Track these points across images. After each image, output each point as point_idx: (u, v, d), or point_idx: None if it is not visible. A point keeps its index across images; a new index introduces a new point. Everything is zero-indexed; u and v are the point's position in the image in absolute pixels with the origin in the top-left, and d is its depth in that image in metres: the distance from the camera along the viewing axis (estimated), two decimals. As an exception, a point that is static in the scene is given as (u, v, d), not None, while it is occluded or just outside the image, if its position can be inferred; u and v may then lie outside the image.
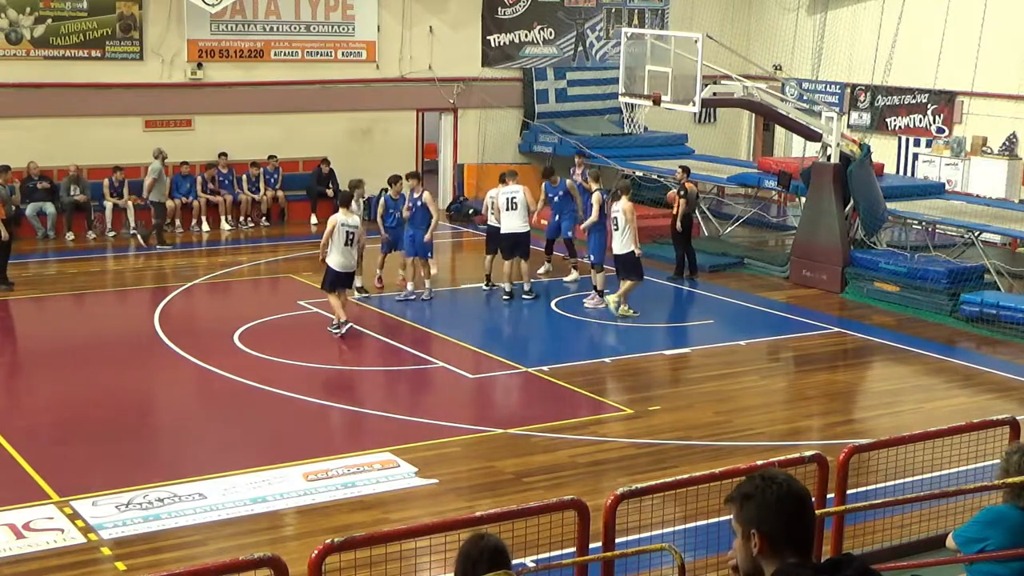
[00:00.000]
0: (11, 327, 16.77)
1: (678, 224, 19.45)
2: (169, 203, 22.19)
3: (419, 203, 17.46)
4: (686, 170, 19.99)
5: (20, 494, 10.47)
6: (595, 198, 17.66)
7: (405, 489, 10.83)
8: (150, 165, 21.32)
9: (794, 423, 13.08)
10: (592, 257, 17.58)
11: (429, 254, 17.68)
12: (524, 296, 18.04)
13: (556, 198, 18.98)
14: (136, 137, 22.84)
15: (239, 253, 21.68)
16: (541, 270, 19.44)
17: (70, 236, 21.86)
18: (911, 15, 23.56)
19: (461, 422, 12.72)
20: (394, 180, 17.95)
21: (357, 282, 17.36)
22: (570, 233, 19.06)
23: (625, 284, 16.95)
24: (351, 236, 15.57)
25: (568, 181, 19.48)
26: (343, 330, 15.59)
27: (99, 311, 17.72)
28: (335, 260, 15.59)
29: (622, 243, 16.81)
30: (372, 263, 18.44)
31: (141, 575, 8.98)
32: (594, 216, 17.57)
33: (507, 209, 17.90)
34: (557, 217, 19.06)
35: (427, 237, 17.35)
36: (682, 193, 19.47)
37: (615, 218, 16.92)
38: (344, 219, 15.68)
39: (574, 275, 19.04)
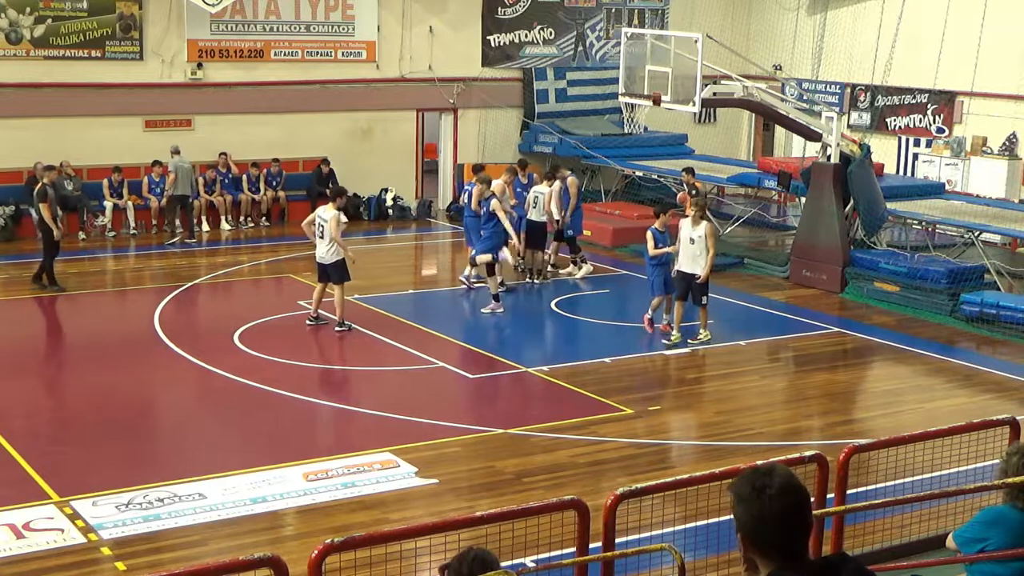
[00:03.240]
0: (12, 327, 16.75)
1: None
2: (196, 202, 22.66)
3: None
4: (690, 171, 19.85)
5: (20, 494, 10.46)
6: (495, 204, 17.25)
7: (405, 489, 10.83)
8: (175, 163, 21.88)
9: (794, 423, 13.08)
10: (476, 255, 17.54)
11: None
12: (536, 281, 18.81)
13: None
14: (136, 137, 22.84)
15: (239, 253, 21.68)
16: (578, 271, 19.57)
17: (82, 236, 21.83)
18: (911, 15, 23.57)
19: (461, 422, 12.72)
20: (664, 211, 16.29)
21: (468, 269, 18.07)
22: (570, 231, 19.17)
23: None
24: (321, 228, 15.89)
25: (570, 178, 19.55)
26: (315, 323, 16.11)
27: (99, 311, 17.72)
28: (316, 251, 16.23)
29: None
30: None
31: (141, 575, 8.98)
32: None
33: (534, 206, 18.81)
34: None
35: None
36: (693, 193, 19.40)
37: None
38: (319, 212, 16.11)
39: (583, 270, 19.26)
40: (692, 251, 15.46)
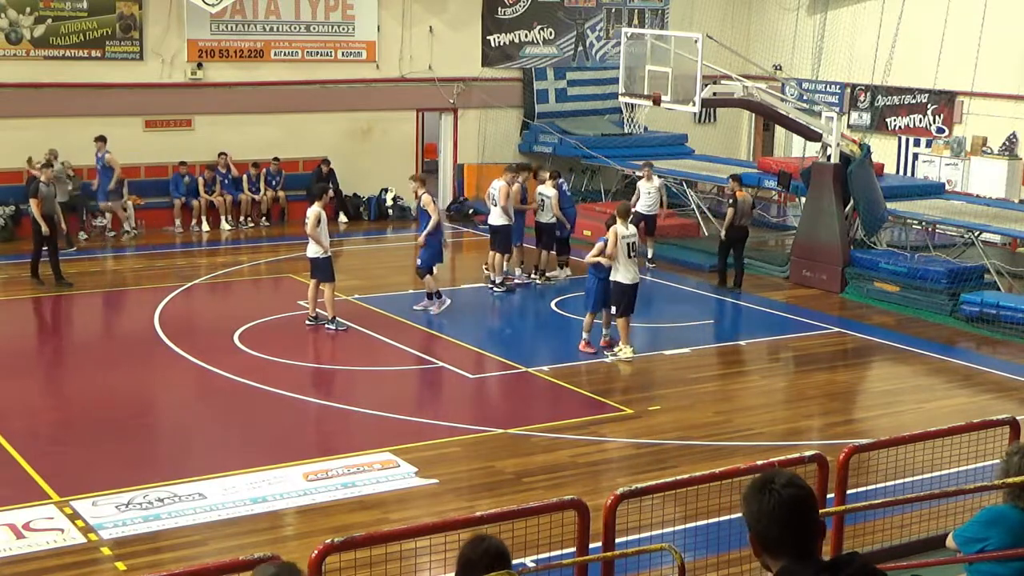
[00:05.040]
0: (12, 327, 16.75)
1: (722, 233, 19.21)
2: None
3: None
4: (736, 178, 19.30)
5: (20, 494, 10.47)
6: (426, 200, 17.38)
7: (405, 489, 10.83)
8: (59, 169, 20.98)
9: (794, 423, 13.08)
10: (419, 262, 17.22)
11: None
12: (537, 281, 19.03)
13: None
14: (136, 137, 22.84)
15: (239, 253, 21.68)
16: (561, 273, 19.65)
17: (83, 236, 21.76)
18: (911, 15, 23.56)
19: (461, 422, 12.73)
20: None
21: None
22: (557, 232, 19.23)
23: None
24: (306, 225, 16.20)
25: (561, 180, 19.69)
26: (314, 323, 16.14)
27: (99, 311, 17.72)
28: None
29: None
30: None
31: (141, 575, 8.98)
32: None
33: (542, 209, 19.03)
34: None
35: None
36: (731, 202, 19.17)
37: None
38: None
39: (565, 272, 19.32)
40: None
